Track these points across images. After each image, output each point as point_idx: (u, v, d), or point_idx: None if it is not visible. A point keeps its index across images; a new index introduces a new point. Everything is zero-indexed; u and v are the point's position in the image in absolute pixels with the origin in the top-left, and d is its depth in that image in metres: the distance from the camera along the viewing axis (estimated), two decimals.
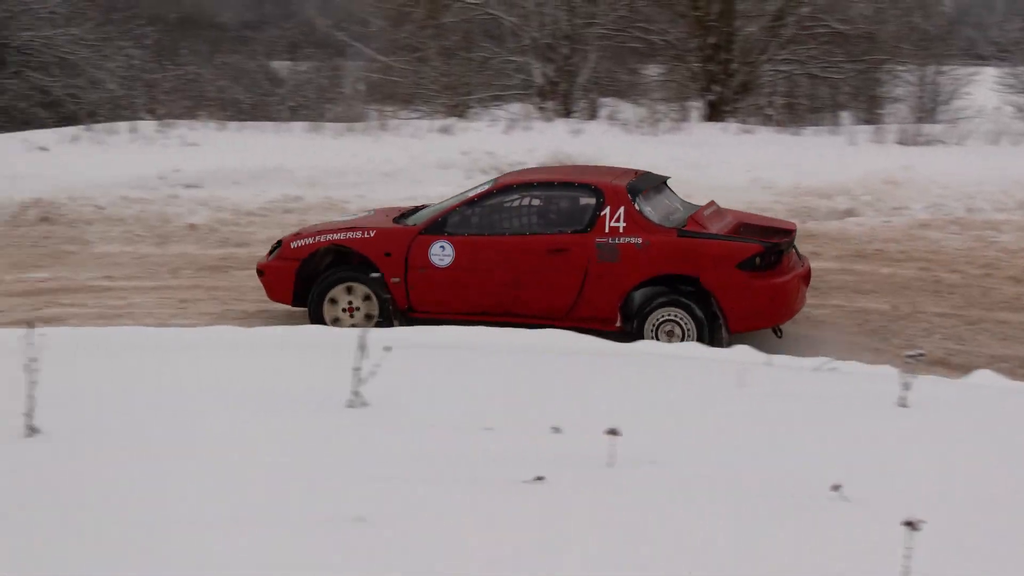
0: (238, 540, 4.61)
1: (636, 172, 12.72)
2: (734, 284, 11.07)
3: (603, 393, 7.55)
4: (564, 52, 27.07)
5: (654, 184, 12.36)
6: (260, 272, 12.80)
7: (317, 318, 12.15)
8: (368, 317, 12.04)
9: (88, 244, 16.85)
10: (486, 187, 12.54)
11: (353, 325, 11.79)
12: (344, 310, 12.17)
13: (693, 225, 11.46)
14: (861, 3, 28.19)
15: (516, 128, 22.64)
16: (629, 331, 11.36)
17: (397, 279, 11.96)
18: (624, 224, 11.38)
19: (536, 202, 12.09)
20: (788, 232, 11.92)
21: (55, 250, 16.51)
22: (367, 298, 12.09)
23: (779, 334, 11.76)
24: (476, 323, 11.49)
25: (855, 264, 15.33)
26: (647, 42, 27.78)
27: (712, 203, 12.61)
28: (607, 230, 11.41)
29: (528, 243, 11.73)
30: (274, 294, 12.66)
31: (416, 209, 13.17)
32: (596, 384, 7.89)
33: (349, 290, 12.13)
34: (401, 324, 11.75)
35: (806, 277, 11.99)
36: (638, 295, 11.51)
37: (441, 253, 11.88)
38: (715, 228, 11.57)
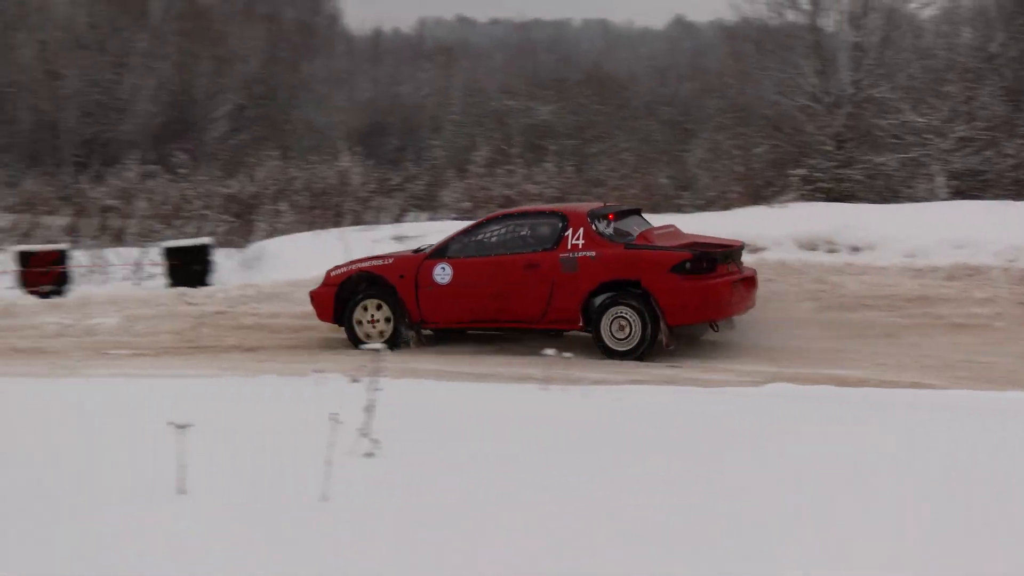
0: None
1: (605, 204, 16.65)
2: (668, 285, 14.36)
3: None
4: None
5: (620, 211, 15.80)
6: (311, 298, 16.62)
7: (351, 333, 16.00)
8: (387, 320, 15.90)
9: None
10: (479, 220, 16.60)
11: (381, 333, 15.80)
12: (368, 322, 15.96)
13: (640, 240, 15.03)
14: None
15: None
16: (589, 331, 14.88)
17: (409, 296, 15.73)
18: (583, 241, 14.91)
19: (517, 229, 15.60)
20: (728, 247, 15.31)
21: None
22: (387, 318, 15.96)
23: (715, 328, 15.17)
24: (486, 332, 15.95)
25: None
26: None
27: (670, 225, 16.31)
28: (569, 247, 14.96)
29: (508, 261, 15.34)
30: (320, 315, 16.42)
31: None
32: None
33: (378, 307, 15.94)
34: (415, 334, 15.94)
35: (746, 283, 15.36)
36: (595, 299, 14.81)
37: (442, 274, 15.65)
38: (661, 243, 14.94)
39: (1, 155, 49.81)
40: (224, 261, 22.74)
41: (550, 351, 10.49)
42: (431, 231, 21.42)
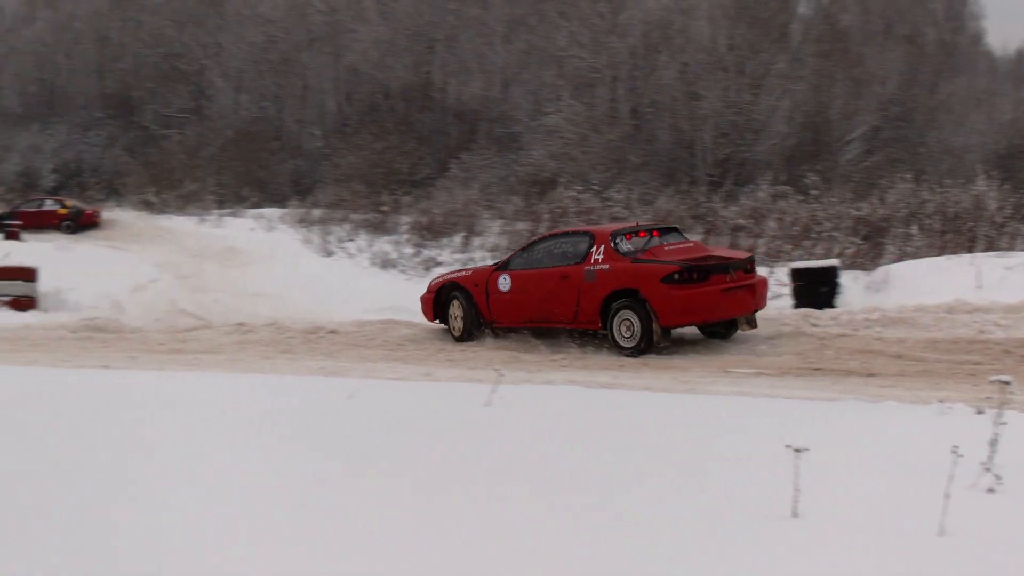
0: None
1: (637, 224, 19.96)
2: (659, 293, 16.83)
3: None
4: None
5: (651, 229, 18.56)
6: (420, 302, 20.26)
7: (449, 327, 19.76)
8: (464, 316, 19.41)
9: None
10: (533, 239, 20.36)
11: (455, 328, 19.49)
12: (452, 318, 19.55)
13: (647, 255, 17.46)
14: None
15: None
16: (605, 331, 17.55)
17: (482, 300, 19.12)
18: (602, 256, 17.68)
19: (561, 246, 18.64)
20: (728, 260, 17.61)
21: None
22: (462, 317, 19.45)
23: (746, 327, 17.96)
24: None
25: None
26: None
27: (691, 242, 18.72)
28: (591, 261, 17.75)
29: (549, 273, 18.30)
30: (425, 315, 20.12)
31: None
32: None
33: (459, 308, 19.52)
34: (486, 331, 19.16)
35: (745, 290, 17.41)
36: (609, 305, 17.40)
37: (504, 283, 18.93)
38: (665, 258, 17.28)
39: (638, 173, 51.66)
40: (850, 283, 22.50)
41: None
42: None
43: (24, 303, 23.40)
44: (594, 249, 17.83)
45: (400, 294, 24.57)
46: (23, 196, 58.99)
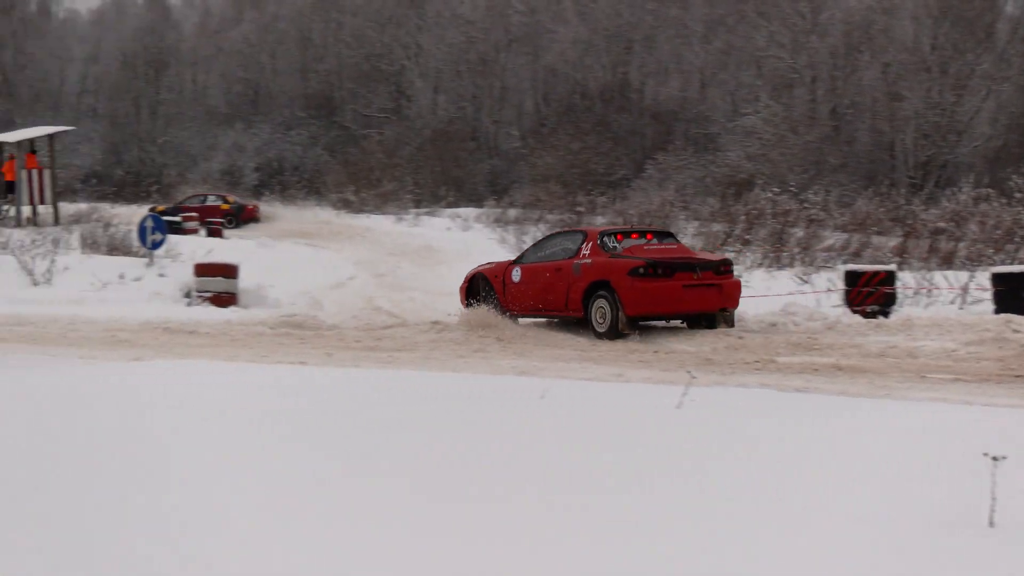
0: None
1: (630, 225, 23.85)
2: (625, 284, 18.87)
3: None
4: None
5: (645, 232, 21.14)
6: (459, 290, 22.45)
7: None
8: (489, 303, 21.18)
9: None
10: (544, 236, 23.85)
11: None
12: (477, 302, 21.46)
13: (626, 252, 19.58)
14: None
15: None
16: (587, 318, 19.63)
17: (500, 288, 21.26)
18: (588, 252, 19.85)
19: (562, 242, 20.98)
20: (694, 260, 19.72)
21: None
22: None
23: (721, 324, 19.62)
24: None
25: None
26: None
27: (676, 244, 20.84)
28: (580, 256, 19.88)
29: (548, 266, 20.44)
30: (461, 301, 22.09)
31: None
32: None
33: (485, 296, 21.50)
34: (506, 317, 20.64)
35: (710, 289, 19.26)
36: (589, 294, 19.48)
37: (516, 275, 20.99)
38: (642, 255, 19.31)
39: (836, 174, 51.03)
40: None
41: None
42: None
43: (225, 299, 23.91)
44: (584, 245, 20.09)
45: None
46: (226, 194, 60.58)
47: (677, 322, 20.36)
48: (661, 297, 18.88)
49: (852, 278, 21.71)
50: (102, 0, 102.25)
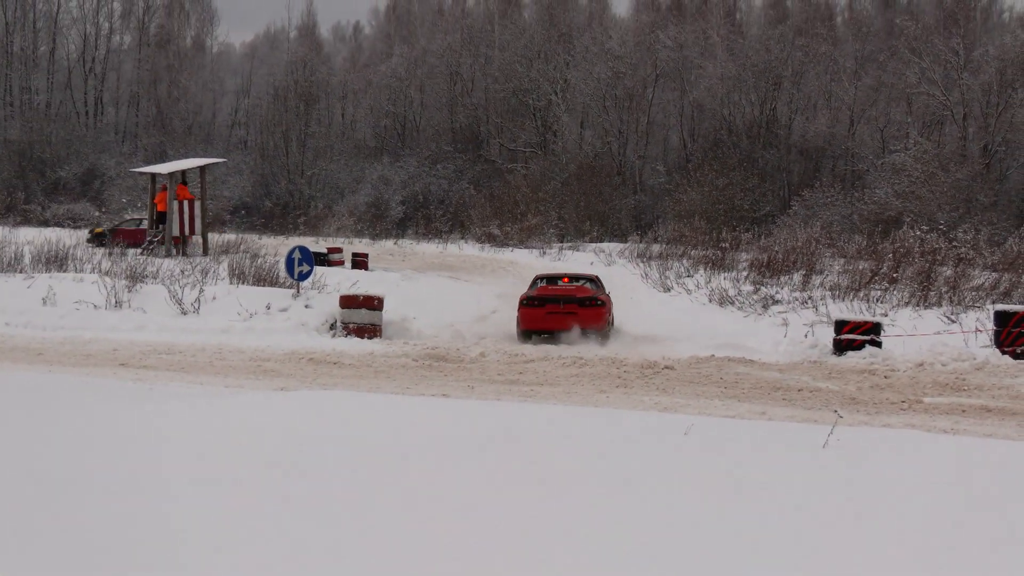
0: None
1: (570, 275, 28.26)
2: (519, 309, 25.21)
3: None
4: None
5: (568, 277, 27.73)
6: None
7: None
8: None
9: None
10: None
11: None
12: None
13: (536, 290, 26.01)
14: None
15: None
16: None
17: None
18: (526, 289, 26.98)
19: (539, 281, 27.74)
20: (567, 296, 25.18)
21: None
22: None
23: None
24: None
25: None
26: None
27: (584, 286, 26.55)
28: (524, 294, 25.78)
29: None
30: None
31: None
32: None
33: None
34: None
35: (565, 315, 24.66)
36: None
37: (523, 303, 25.28)
38: (537, 292, 25.64)
39: (987, 213, 50.13)
40: None
41: None
42: None
43: (368, 331, 24.16)
44: (532, 283, 27.84)
45: (737, 332, 24.38)
46: (371, 227, 61.09)
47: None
48: (533, 319, 24.82)
49: (1002, 318, 21.27)
50: (255, 34, 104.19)
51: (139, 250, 37.19)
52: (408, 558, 7.59)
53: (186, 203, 38.25)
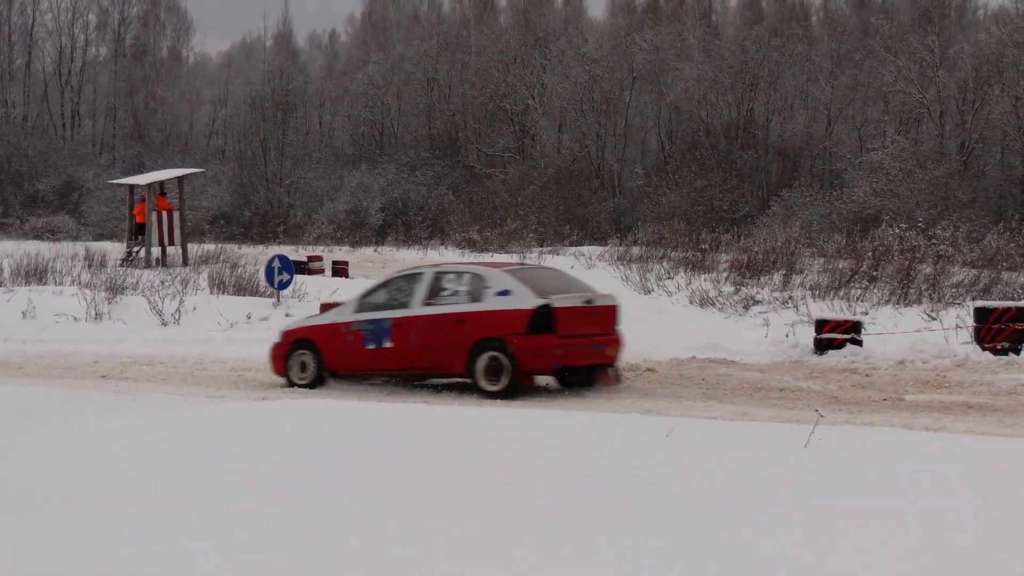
0: None
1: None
2: None
3: None
4: None
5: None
6: None
7: None
8: None
9: None
10: None
11: None
12: None
13: None
14: None
15: None
16: None
17: None
18: None
19: None
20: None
21: None
22: None
23: None
24: None
25: None
26: None
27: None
28: None
29: None
30: None
31: None
32: None
33: None
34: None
35: None
36: None
37: None
38: None
39: (965, 210, 50.29)
40: None
41: None
42: None
43: None
44: None
45: (718, 332, 24.38)
46: (351, 234, 61.06)
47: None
48: None
49: (982, 315, 21.27)
50: (231, 44, 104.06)
51: (119, 262, 37.14)
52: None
53: (165, 214, 38.20)
